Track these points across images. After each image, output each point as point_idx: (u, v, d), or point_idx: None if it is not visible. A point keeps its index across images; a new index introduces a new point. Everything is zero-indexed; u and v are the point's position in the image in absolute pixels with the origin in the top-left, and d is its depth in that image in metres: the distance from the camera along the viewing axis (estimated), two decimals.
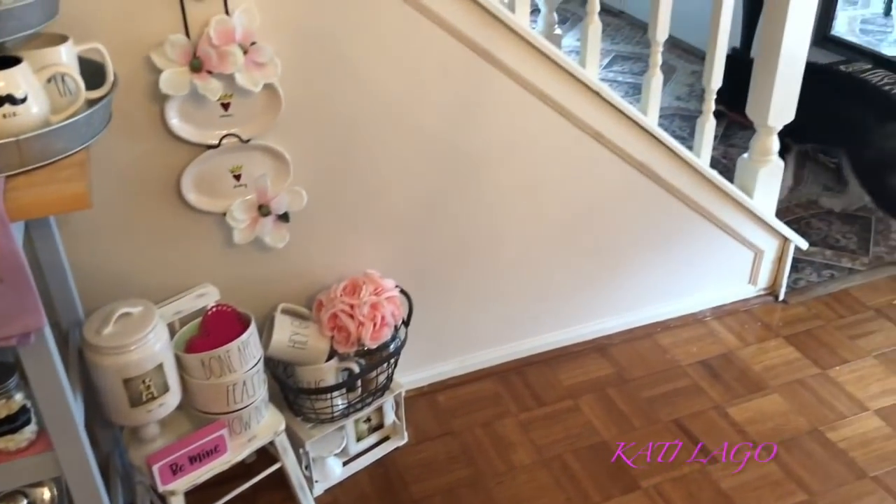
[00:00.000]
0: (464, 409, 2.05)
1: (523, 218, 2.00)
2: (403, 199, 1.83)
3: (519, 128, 1.85)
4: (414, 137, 1.76)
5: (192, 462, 1.51)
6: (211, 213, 1.63)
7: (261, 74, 1.50)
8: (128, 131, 1.49)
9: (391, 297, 1.77)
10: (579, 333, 2.26)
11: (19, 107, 1.06)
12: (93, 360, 1.41)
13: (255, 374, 1.58)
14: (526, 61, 1.75)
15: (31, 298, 1.07)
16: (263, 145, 1.61)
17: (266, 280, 1.78)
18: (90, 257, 1.58)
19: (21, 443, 1.27)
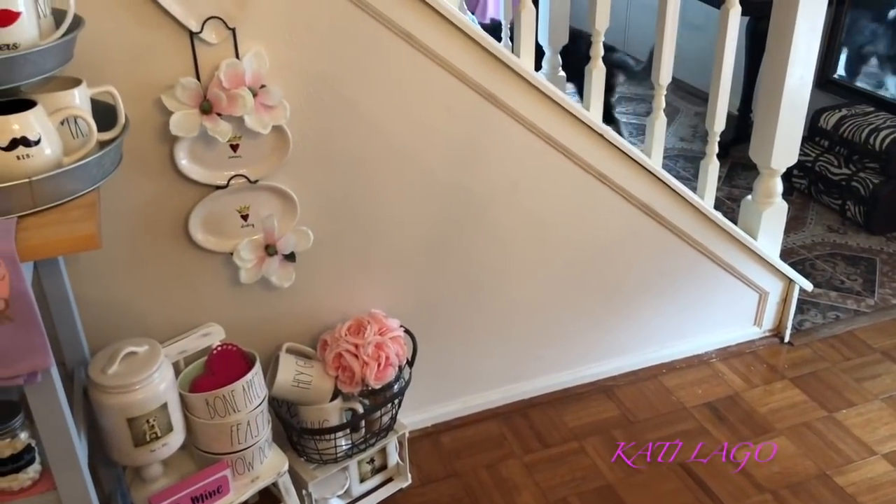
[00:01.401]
0: (468, 450, 2.04)
1: (528, 258, 2.00)
2: (408, 239, 1.85)
3: (524, 169, 1.87)
4: (419, 178, 1.78)
5: (194, 503, 1.50)
6: (218, 252, 1.64)
7: (270, 117, 1.52)
8: (138, 171, 1.51)
9: (395, 336, 1.77)
10: (584, 374, 2.25)
11: (33, 149, 1.08)
12: (97, 399, 1.41)
13: (260, 414, 1.58)
14: (531, 104, 1.77)
15: (40, 338, 1.07)
16: (271, 186, 1.63)
17: (271, 319, 1.78)
18: (97, 295, 1.60)
19: (25, 482, 1.27)
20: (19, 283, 1.03)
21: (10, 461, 1.25)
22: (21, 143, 1.07)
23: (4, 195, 1.06)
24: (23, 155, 1.08)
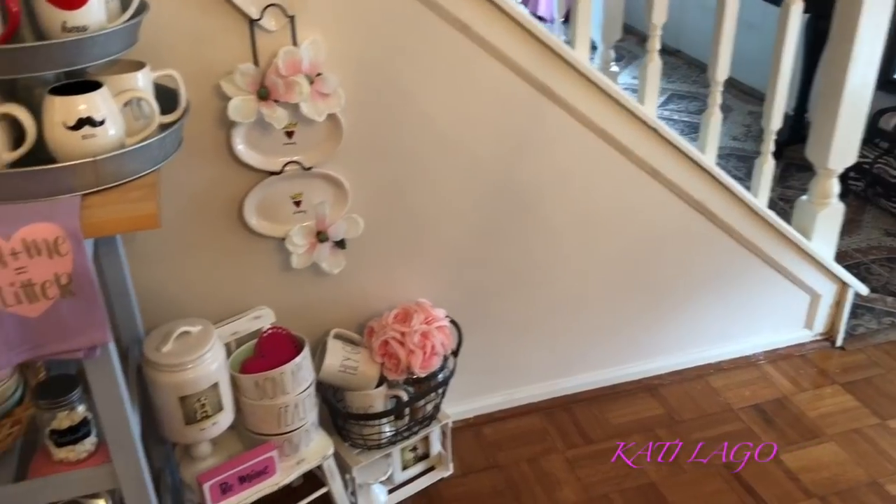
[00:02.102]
0: (510, 443, 2.04)
1: (576, 253, 1.99)
2: (457, 230, 1.85)
3: (575, 163, 1.86)
4: (470, 170, 1.78)
5: (241, 482, 1.53)
6: (270, 237, 1.67)
7: (325, 104, 1.54)
8: (195, 155, 1.54)
9: (441, 326, 1.78)
10: (629, 372, 2.23)
11: (98, 129, 1.11)
12: (151, 376, 1.45)
13: (307, 398, 1.60)
14: (584, 97, 1.76)
15: (100, 313, 1.10)
16: (324, 173, 1.65)
17: (320, 305, 1.80)
18: (153, 276, 1.63)
19: (81, 454, 1.31)
20: (82, 259, 1.06)
21: (69, 433, 1.29)
22: (87, 123, 1.10)
23: (69, 173, 1.09)
24: (88, 135, 1.10)
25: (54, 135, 1.10)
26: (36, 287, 1.06)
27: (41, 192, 1.09)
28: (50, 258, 1.05)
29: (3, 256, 1.03)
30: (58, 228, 1.04)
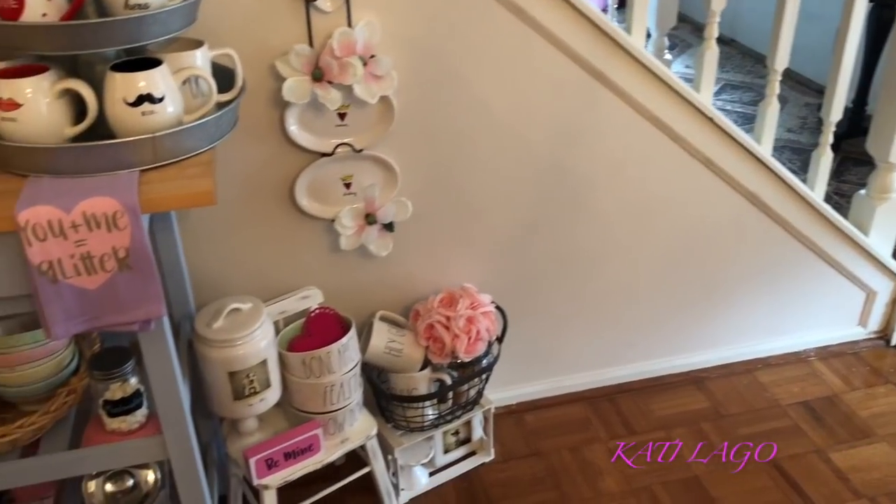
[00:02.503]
0: (552, 431, 2.03)
1: (625, 242, 1.97)
2: (506, 215, 1.84)
3: (628, 150, 1.83)
4: (521, 156, 1.77)
5: (286, 458, 1.55)
6: (320, 218, 1.68)
7: (378, 87, 1.54)
8: (249, 135, 1.55)
9: (487, 312, 1.78)
10: (675, 364, 2.21)
11: (157, 105, 1.13)
12: (202, 351, 1.47)
13: (353, 378, 1.61)
14: (639, 83, 1.73)
15: (155, 287, 1.12)
16: (374, 156, 1.65)
17: (366, 287, 1.81)
18: (205, 254, 1.66)
19: (133, 425, 1.34)
20: (140, 234, 1.08)
21: (121, 403, 1.32)
22: (146, 100, 1.12)
23: (129, 149, 1.11)
24: (147, 111, 1.12)
25: (115, 111, 1.12)
26: (95, 260, 1.08)
27: (101, 166, 1.11)
28: (109, 232, 1.07)
29: (64, 229, 1.05)
30: (117, 203, 1.06)
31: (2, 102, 1.09)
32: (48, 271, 1.07)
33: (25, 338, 1.31)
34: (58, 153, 1.09)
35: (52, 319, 1.10)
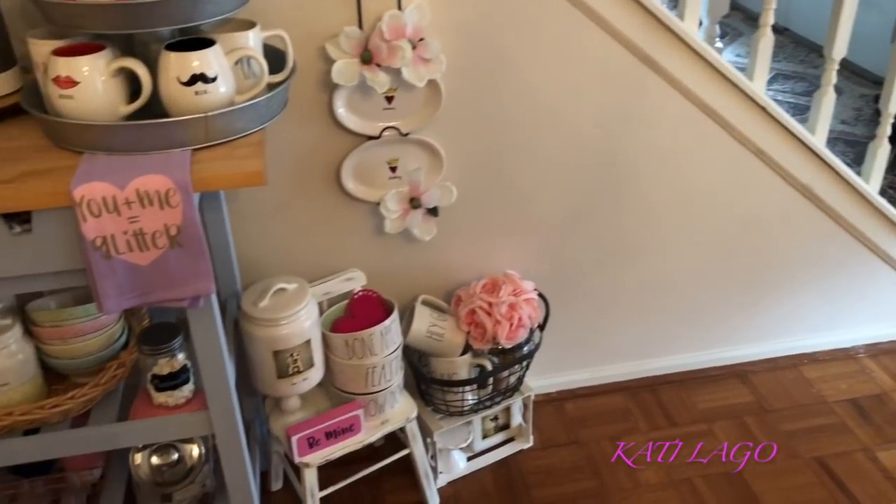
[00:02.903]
0: (592, 420, 2.02)
1: (671, 232, 1.95)
2: (551, 203, 1.83)
3: (677, 139, 1.80)
4: (568, 142, 1.75)
5: (328, 438, 1.56)
6: (365, 201, 1.69)
7: (426, 70, 1.54)
8: (297, 117, 1.56)
9: (529, 299, 1.77)
10: (719, 357, 2.18)
11: (210, 85, 1.14)
12: (247, 330, 1.49)
13: (394, 360, 1.62)
14: (691, 70, 1.70)
15: (205, 265, 1.14)
16: (420, 139, 1.65)
17: (409, 271, 1.82)
18: (252, 233, 1.68)
19: (179, 399, 1.37)
20: (191, 211, 1.10)
21: (168, 378, 1.35)
22: (200, 80, 1.13)
23: (182, 128, 1.13)
24: (200, 91, 1.13)
25: (168, 90, 1.14)
26: (147, 236, 1.10)
27: (154, 145, 1.13)
28: (161, 209, 1.09)
29: (118, 205, 1.07)
30: (169, 181, 1.08)
31: (59, 80, 1.11)
32: (102, 247, 1.09)
33: (78, 311, 1.34)
34: (112, 131, 1.11)
35: (104, 294, 1.12)
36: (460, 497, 1.82)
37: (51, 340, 1.34)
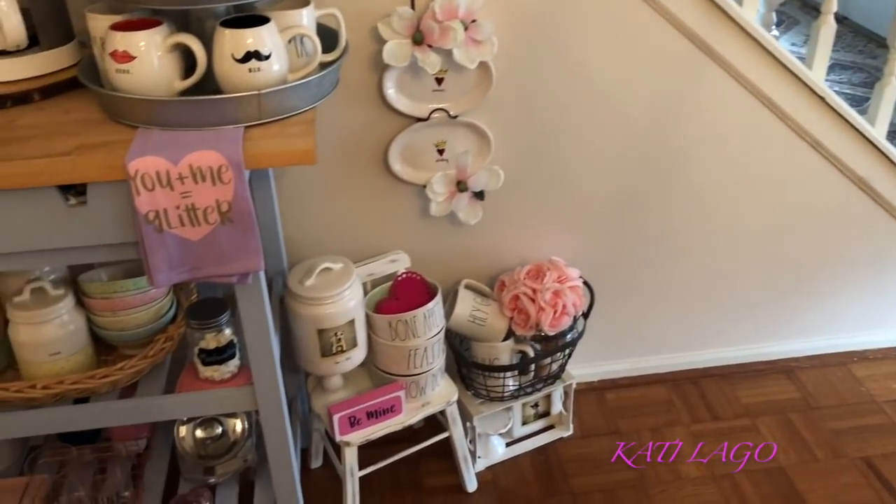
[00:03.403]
0: (633, 410, 2.00)
1: (721, 223, 1.91)
2: (599, 190, 1.81)
3: (731, 127, 1.76)
4: (619, 128, 1.73)
5: (369, 417, 1.57)
6: (412, 183, 1.69)
7: (478, 52, 1.52)
8: (347, 97, 1.56)
9: (574, 286, 1.75)
10: (764, 351, 2.14)
11: (263, 63, 1.14)
12: (293, 308, 1.50)
13: (436, 343, 1.62)
14: (748, 57, 1.66)
15: (254, 242, 1.15)
16: (469, 122, 1.64)
17: (453, 254, 1.82)
18: (298, 212, 1.69)
19: (225, 374, 1.38)
20: (242, 188, 1.10)
21: (215, 353, 1.36)
22: (254, 57, 1.13)
23: (234, 105, 1.13)
24: (254, 68, 1.13)
25: (223, 66, 1.14)
26: (199, 212, 1.11)
27: (207, 121, 1.13)
28: (213, 185, 1.09)
29: (171, 180, 1.08)
30: (222, 157, 1.08)
31: (116, 54, 1.12)
32: (154, 220, 1.10)
33: (128, 284, 1.36)
34: (167, 106, 1.12)
35: (155, 268, 1.13)
36: (498, 482, 1.82)
37: (101, 312, 1.37)
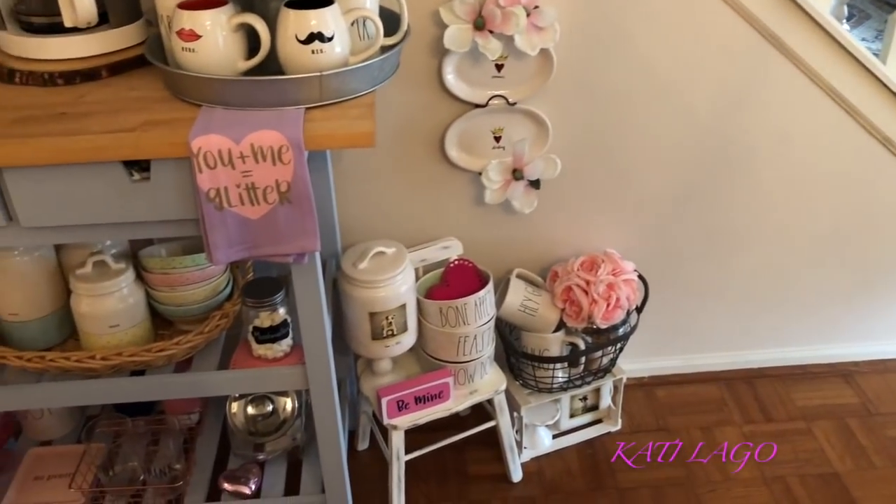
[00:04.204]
0: (683, 408, 1.97)
1: (782, 221, 1.86)
2: (658, 182, 1.77)
3: (798, 123, 1.71)
4: (681, 120, 1.69)
5: (416, 402, 1.58)
6: (467, 170, 1.68)
7: (539, 38, 1.50)
8: (405, 81, 1.56)
9: (629, 279, 1.73)
10: (822, 354, 2.08)
11: (326, 45, 1.14)
12: (346, 290, 1.51)
13: (487, 331, 1.62)
14: (819, 51, 1.61)
15: (311, 222, 1.16)
16: (527, 110, 1.62)
17: (507, 243, 1.80)
18: (354, 195, 1.69)
19: (278, 353, 1.40)
20: (302, 169, 1.11)
21: (269, 331, 1.38)
22: (317, 38, 1.13)
23: (296, 86, 1.14)
24: (317, 50, 1.14)
25: (286, 47, 1.15)
26: (258, 191, 1.12)
27: (269, 101, 1.14)
28: (273, 165, 1.10)
29: (233, 158, 1.09)
30: (283, 137, 1.09)
31: (183, 33, 1.13)
32: (215, 198, 1.11)
33: (186, 261, 1.39)
34: (230, 85, 1.13)
35: (214, 245, 1.15)
36: (543, 474, 1.81)
37: (160, 287, 1.40)
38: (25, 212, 1.12)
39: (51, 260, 1.39)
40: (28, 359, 1.31)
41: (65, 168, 1.09)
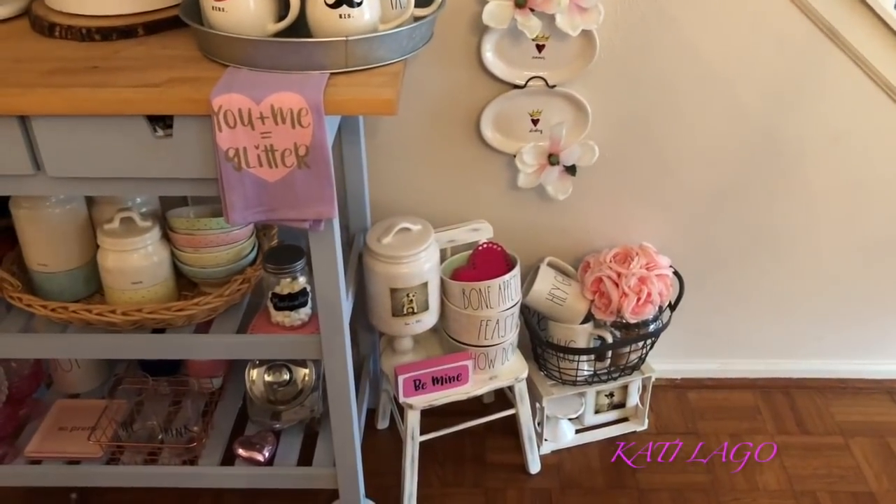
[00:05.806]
0: (714, 413, 1.91)
1: (831, 224, 1.78)
2: (700, 176, 1.72)
3: (852, 122, 1.63)
4: (728, 113, 1.63)
5: (434, 383, 1.56)
6: (502, 152, 1.65)
7: (581, 19, 1.46)
8: (444, 58, 1.54)
9: (662, 275, 1.68)
10: (867, 369, 1.99)
11: (355, 10, 1.13)
12: (369, 264, 1.51)
13: (510, 317, 1.59)
14: (878, 46, 1.53)
15: (329, 189, 1.15)
16: (567, 93, 1.59)
17: (538, 229, 1.77)
18: (386, 171, 1.68)
19: (295, 321, 1.40)
20: (321, 133, 1.10)
21: (288, 299, 1.38)
22: (345, 3, 1.12)
23: (322, 50, 1.13)
24: (345, 14, 1.13)
25: (315, 11, 1.14)
26: (277, 153, 1.11)
27: (295, 64, 1.13)
28: (293, 128, 1.10)
29: (252, 119, 1.09)
30: (303, 100, 1.08)
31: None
32: (234, 158, 1.11)
33: (211, 223, 1.40)
34: (255, 46, 1.13)
35: (231, 205, 1.15)
36: (563, 468, 1.77)
37: (184, 248, 1.41)
38: (52, 162, 1.14)
39: (82, 214, 1.41)
40: (52, 308, 1.34)
41: (91, 120, 1.10)
